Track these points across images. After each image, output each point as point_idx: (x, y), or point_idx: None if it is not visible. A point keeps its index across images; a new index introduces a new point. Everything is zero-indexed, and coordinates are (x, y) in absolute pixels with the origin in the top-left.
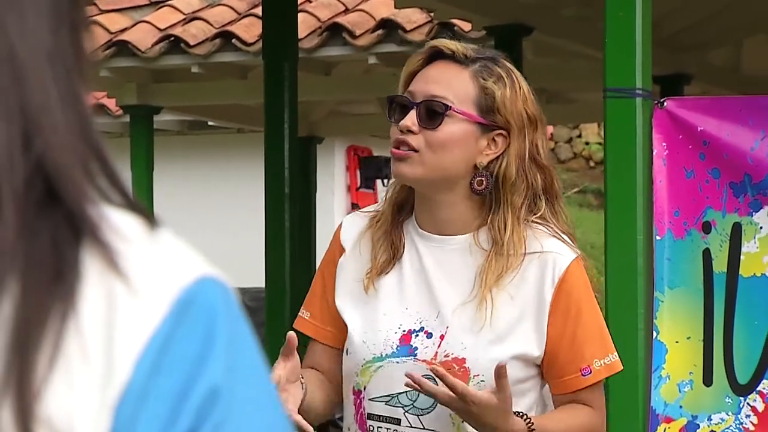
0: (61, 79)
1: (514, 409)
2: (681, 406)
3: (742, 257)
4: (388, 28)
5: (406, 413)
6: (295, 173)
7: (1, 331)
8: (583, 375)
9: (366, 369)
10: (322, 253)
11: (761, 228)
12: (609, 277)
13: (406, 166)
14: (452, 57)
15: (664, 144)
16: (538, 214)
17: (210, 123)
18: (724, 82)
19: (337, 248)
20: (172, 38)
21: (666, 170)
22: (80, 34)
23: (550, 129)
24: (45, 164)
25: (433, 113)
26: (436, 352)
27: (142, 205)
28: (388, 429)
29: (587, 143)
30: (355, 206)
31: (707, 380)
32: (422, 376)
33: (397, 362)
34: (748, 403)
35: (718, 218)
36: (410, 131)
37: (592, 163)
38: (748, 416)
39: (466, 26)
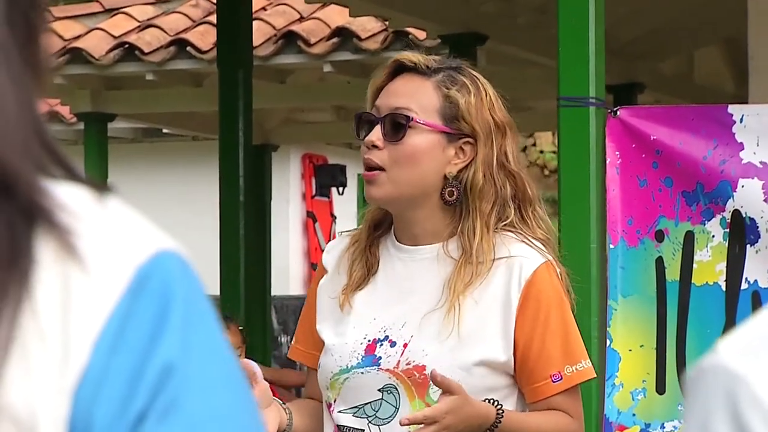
0: (15, 76)
1: (485, 398)
2: (634, 414)
3: (694, 266)
4: (343, 36)
5: (369, 423)
6: (250, 181)
7: None
8: (553, 381)
9: (334, 382)
10: (276, 261)
11: (713, 236)
12: None
13: (375, 188)
14: (415, 69)
15: (617, 153)
16: (507, 221)
17: (164, 131)
18: (677, 91)
19: (321, 272)
20: (127, 45)
21: (619, 179)
22: (37, 32)
23: None
24: None
25: (397, 126)
26: (399, 361)
27: (91, 178)
28: None
29: (542, 152)
30: (310, 214)
31: (660, 388)
32: (384, 386)
33: (362, 372)
34: None
35: (671, 227)
36: (375, 146)
37: (546, 172)
38: None
39: (420, 35)
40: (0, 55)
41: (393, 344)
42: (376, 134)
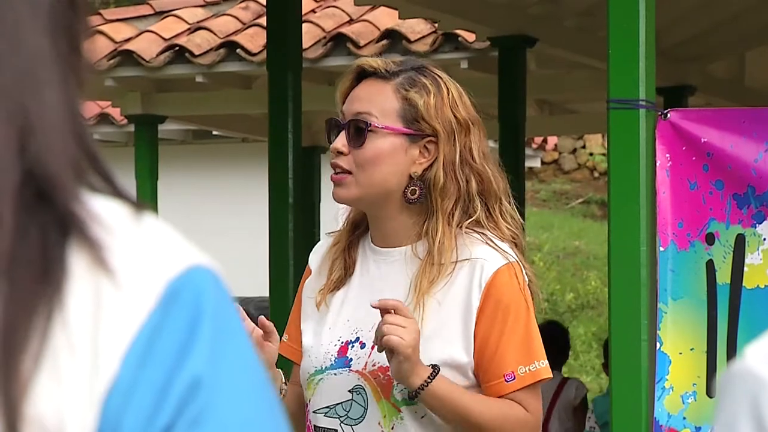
0: (59, 83)
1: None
2: (684, 418)
3: (745, 269)
4: (393, 38)
5: (342, 423)
6: (299, 183)
7: None
8: (506, 381)
9: (310, 382)
10: None
11: (764, 239)
12: (612, 288)
13: (342, 189)
14: (375, 74)
15: (667, 155)
16: (474, 218)
17: (214, 132)
18: (728, 93)
19: (307, 272)
20: (177, 48)
21: (669, 181)
22: (79, 41)
23: (554, 140)
24: (38, 166)
25: (359, 131)
26: (366, 362)
27: (129, 193)
28: None
29: (591, 154)
30: None
31: (711, 391)
32: (354, 387)
33: (335, 374)
34: None
35: (721, 230)
36: (340, 153)
37: (596, 174)
38: None
39: (470, 37)
40: (42, 64)
41: (363, 346)
42: (341, 140)
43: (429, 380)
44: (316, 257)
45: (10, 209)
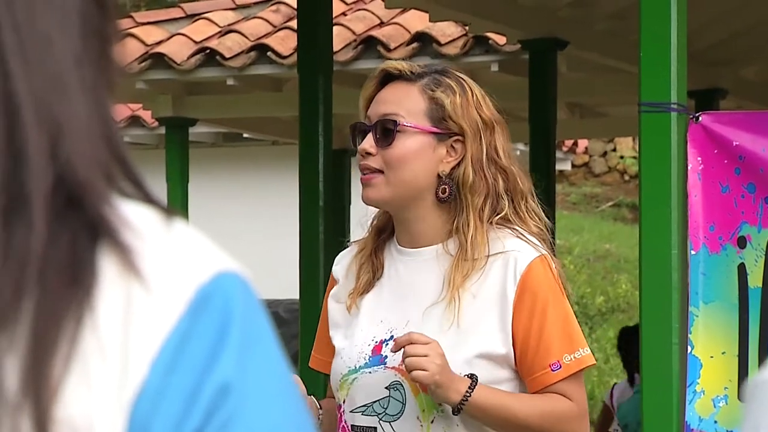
0: (89, 88)
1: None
2: (716, 422)
3: None
4: (423, 41)
5: (380, 421)
6: (330, 186)
7: (23, 337)
8: (552, 370)
9: (343, 383)
10: None
11: None
12: (643, 291)
13: (372, 190)
14: (400, 76)
15: (699, 158)
16: (502, 214)
17: (245, 135)
18: (760, 96)
19: (332, 283)
20: (208, 51)
21: (701, 184)
22: (110, 45)
23: (584, 143)
24: (68, 171)
25: (387, 131)
26: (401, 358)
27: (159, 198)
28: None
29: (622, 157)
30: None
31: (742, 395)
32: (391, 383)
33: (370, 372)
34: None
35: (753, 233)
36: (369, 154)
37: (626, 177)
38: None
39: (500, 40)
40: (74, 68)
41: None
42: (368, 142)
43: (469, 393)
44: (340, 267)
45: (41, 215)
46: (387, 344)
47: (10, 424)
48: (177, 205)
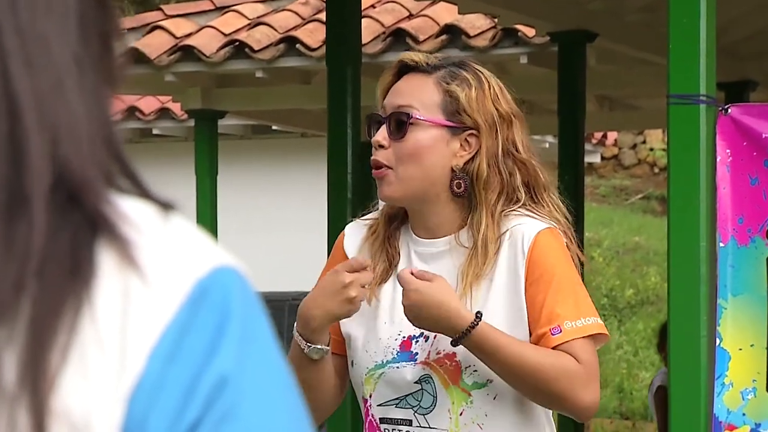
0: (89, 88)
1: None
2: (744, 414)
3: None
4: (452, 33)
5: (415, 414)
6: (358, 178)
7: (22, 330)
8: (552, 334)
9: (370, 377)
10: None
11: None
12: (672, 283)
13: (385, 186)
14: (417, 68)
15: (728, 151)
16: (519, 205)
17: (273, 127)
18: None
19: (339, 257)
20: (237, 43)
21: (730, 177)
22: (109, 43)
23: (614, 135)
24: (67, 171)
25: (400, 124)
26: (429, 351)
27: (157, 193)
28: (400, 431)
29: (651, 149)
30: None
31: None
32: (421, 377)
33: (397, 367)
34: None
35: None
36: (381, 146)
37: (656, 170)
38: None
39: (530, 32)
40: (74, 69)
41: (427, 339)
42: (381, 134)
43: (475, 322)
44: (352, 243)
45: (42, 211)
46: (416, 341)
47: (8, 415)
48: (206, 197)
